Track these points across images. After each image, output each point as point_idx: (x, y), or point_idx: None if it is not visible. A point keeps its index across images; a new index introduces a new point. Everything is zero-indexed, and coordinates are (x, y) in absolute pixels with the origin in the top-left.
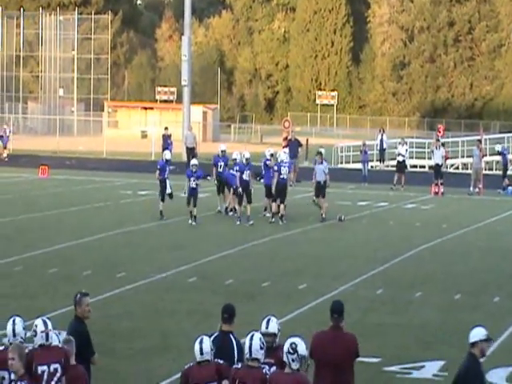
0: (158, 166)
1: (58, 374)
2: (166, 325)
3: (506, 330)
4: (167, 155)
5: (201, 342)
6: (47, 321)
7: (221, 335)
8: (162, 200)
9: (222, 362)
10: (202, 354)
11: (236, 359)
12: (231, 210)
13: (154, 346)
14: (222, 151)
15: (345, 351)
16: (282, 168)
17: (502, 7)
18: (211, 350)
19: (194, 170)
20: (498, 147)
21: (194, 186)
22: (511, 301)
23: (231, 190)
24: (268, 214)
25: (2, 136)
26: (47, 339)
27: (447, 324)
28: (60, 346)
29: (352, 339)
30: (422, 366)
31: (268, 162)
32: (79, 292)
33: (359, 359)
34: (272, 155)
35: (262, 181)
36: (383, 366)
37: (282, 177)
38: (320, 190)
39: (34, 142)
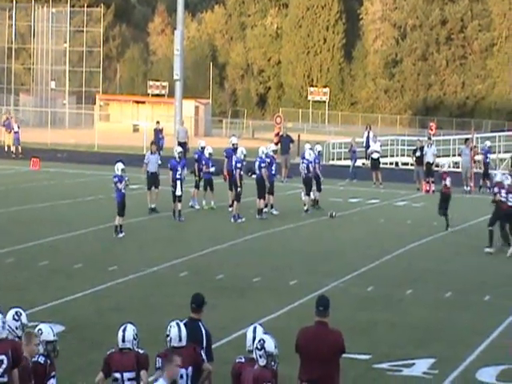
0: (170, 166)
1: (4, 366)
2: (156, 319)
3: (496, 328)
4: (178, 150)
5: (124, 330)
6: None
7: (189, 322)
8: (174, 201)
9: (142, 351)
10: (123, 341)
11: (205, 345)
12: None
13: (144, 340)
14: (201, 147)
15: (330, 347)
16: (256, 163)
17: (494, 6)
18: (134, 338)
19: (121, 174)
20: None
21: (123, 190)
22: (501, 300)
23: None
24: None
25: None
26: None
27: (438, 322)
28: (10, 338)
29: (337, 335)
30: (413, 364)
31: None
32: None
33: (349, 356)
34: None
35: (253, 176)
36: (373, 363)
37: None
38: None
39: (25, 134)
